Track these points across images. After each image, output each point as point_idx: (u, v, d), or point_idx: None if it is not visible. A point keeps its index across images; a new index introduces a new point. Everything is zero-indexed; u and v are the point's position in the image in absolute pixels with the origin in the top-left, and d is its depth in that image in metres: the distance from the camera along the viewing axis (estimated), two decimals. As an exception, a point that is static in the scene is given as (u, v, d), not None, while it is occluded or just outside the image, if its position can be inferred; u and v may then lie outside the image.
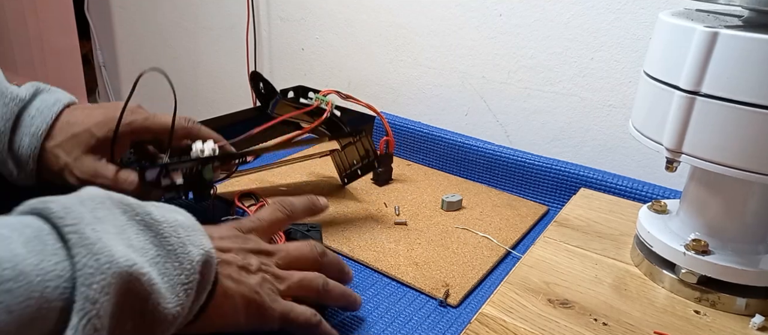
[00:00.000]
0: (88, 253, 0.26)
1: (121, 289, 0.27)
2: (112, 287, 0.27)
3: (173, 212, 0.34)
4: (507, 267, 0.56)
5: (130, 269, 0.28)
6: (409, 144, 0.83)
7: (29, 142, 0.48)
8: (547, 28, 0.78)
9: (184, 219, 0.34)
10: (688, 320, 0.45)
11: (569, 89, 0.78)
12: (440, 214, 0.66)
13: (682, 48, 0.42)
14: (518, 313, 0.44)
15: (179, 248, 0.31)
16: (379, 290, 0.52)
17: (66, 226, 0.27)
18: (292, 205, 0.47)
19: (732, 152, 0.41)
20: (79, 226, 0.27)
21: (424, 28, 0.90)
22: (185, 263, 0.31)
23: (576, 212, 0.61)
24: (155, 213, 0.32)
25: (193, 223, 0.35)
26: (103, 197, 0.31)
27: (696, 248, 0.46)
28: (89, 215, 0.28)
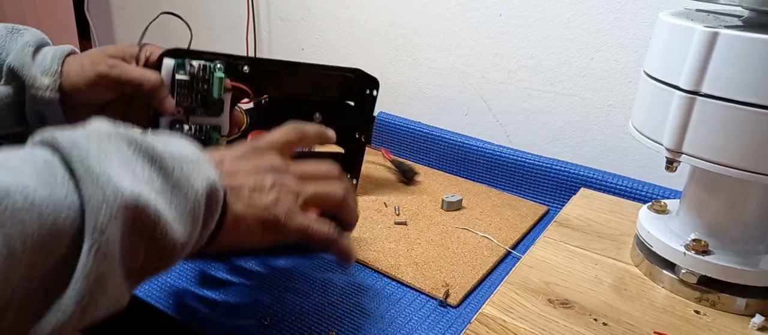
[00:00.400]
0: (94, 185, 0.27)
1: (128, 218, 0.28)
2: (119, 217, 0.27)
3: (179, 144, 0.34)
4: (507, 267, 0.56)
5: (137, 199, 0.28)
6: (409, 144, 0.83)
7: (53, 53, 0.53)
8: (547, 28, 0.77)
9: (188, 152, 0.34)
10: (688, 320, 0.44)
11: (569, 88, 0.78)
12: (440, 214, 0.66)
13: (682, 48, 0.42)
14: (518, 313, 0.44)
15: (183, 180, 0.32)
16: (379, 290, 0.52)
17: (73, 159, 0.28)
18: (304, 128, 0.47)
19: (732, 152, 0.41)
20: (86, 159, 0.28)
21: (424, 28, 0.90)
22: (189, 194, 0.32)
23: (576, 212, 0.61)
24: (159, 147, 0.32)
25: (198, 155, 0.35)
26: (109, 130, 0.31)
27: (696, 248, 0.46)
28: (95, 148, 0.29)
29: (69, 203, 0.26)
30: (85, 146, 0.28)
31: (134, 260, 0.30)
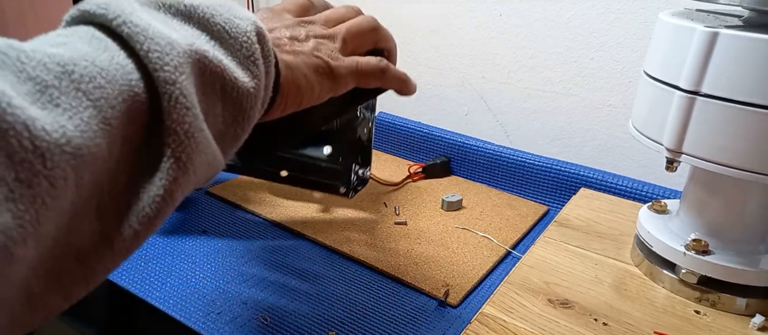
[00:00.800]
0: (146, 39, 0.24)
1: (193, 69, 0.26)
2: (183, 66, 0.25)
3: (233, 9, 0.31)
4: (507, 267, 0.56)
5: (193, 47, 0.26)
6: (409, 144, 0.83)
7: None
8: (547, 28, 0.77)
9: (247, 17, 0.31)
10: (688, 320, 0.44)
11: (569, 88, 0.78)
12: (440, 214, 0.66)
13: (683, 48, 0.42)
14: (518, 313, 0.44)
15: (228, 24, 0.29)
16: (379, 290, 0.52)
17: (112, 20, 0.24)
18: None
19: (732, 152, 0.41)
20: (126, 16, 0.25)
21: (424, 28, 0.90)
22: (240, 37, 0.30)
23: (576, 212, 0.61)
24: (187, 1, 0.29)
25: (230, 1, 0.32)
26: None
27: (696, 248, 0.46)
28: (128, 6, 0.25)
29: (132, 65, 0.24)
30: (119, 7, 0.25)
31: (214, 120, 0.27)
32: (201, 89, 0.26)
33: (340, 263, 0.56)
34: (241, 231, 0.61)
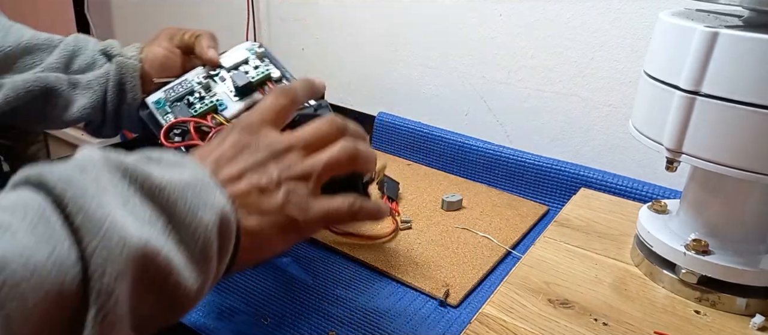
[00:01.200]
0: (97, 235, 0.24)
1: (137, 272, 0.25)
2: (127, 272, 0.24)
3: (177, 166, 0.31)
4: (507, 266, 0.56)
5: (145, 248, 0.25)
6: (409, 144, 0.83)
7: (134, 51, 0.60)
8: (547, 28, 0.77)
9: (190, 176, 0.30)
10: (688, 320, 0.44)
11: (569, 88, 0.78)
12: (440, 214, 0.66)
13: (683, 48, 0.42)
14: (518, 313, 0.44)
15: (189, 216, 0.28)
16: (379, 290, 0.52)
17: (69, 203, 0.24)
18: (292, 87, 0.42)
19: (732, 152, 0.41)
20: (84, 201, 0.24)
21: (424, 28, 0.90)
22: (200, 231, 0.29)
23: (576, 212, 0.61)
24: (156, 176, 0.28)
25: (201, 177, 0.31)
26: (101, 160, 0.27)
27: (696, 248, 0.46)
28: (92, 185, 0.25)
29: (72, 260, 0.23)
30: (81, 184, 0.25)
31: (142, 311, 0.26)
32: (138, 288, 0.26)
33: (340, 263, 0.56)
34: (241, 231, 0.61)
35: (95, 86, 0.58)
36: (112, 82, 0.58)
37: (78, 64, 0.58)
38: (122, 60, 0.58)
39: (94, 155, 0.28)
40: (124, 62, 0.58)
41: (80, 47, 0.59)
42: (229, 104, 0.55)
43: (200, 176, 0.31)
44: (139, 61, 0.59)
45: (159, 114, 0.55)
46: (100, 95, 0.58)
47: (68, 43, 0.58)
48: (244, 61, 0.57)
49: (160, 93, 0.57)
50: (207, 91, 0.56)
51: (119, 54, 0.58)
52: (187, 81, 0.57)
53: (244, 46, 0.59)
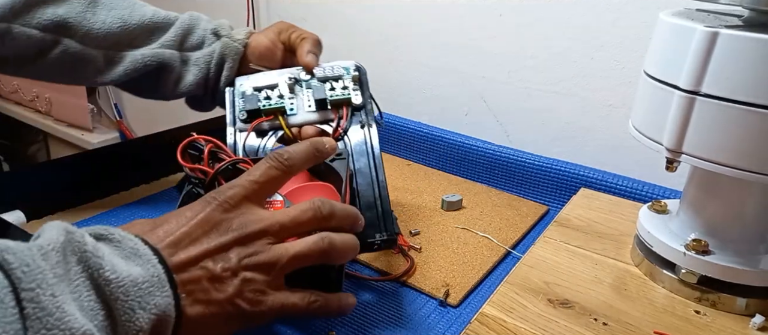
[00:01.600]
0: (45, 326, 0.25)
1: None
2: None
3: (133, 257, 0.31)
4: (507, 266, 0.56)
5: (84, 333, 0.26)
6: (409, 144, 0.83)
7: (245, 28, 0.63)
8: (547, 27, 0.77)
9: (140, 272, 0.30)
10: (688, 320, 0.44)
11: (569, 88, 0.78)
12: (440, 214, 0.66)
13: (682, 48, 0.42)
14: (518, 313, 0.44)
15: (125, 315, 0.29)
16: (379, 290, 0.52)
17: (24, 291, 0.25)
18: (290, 156, 0.40)
19: (732, 152, 0.41)
20: (38, 292, 0.25)
21: (424, 28, 0.90)
22: (132, 331, 0.29)
23: (576, 212, 0.61)
24: (108, 268, 0.29)
25: (152, 273, 0.31)
26: (63, 245, 0.28)
27: (696, 248, 0.46)
28: (50, 273, 0.26)
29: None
30: (38, 273, 0.26)
31: None
32: None
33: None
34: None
35: (201, 63, 0.61)
36: (215, 61, 0.61)
37: (190, 41, 0.61)
38: (228, 41, 0.61)
39: (57, 238, 0.28)
40: (229, 44, 0.61)
41: (193, 25, 0.62)
42: (300, 112, 0.55)
43: (151, 272, 0.31)
44: (244, 45, 0.61)
45: (238, 97, 0.56)
46: (204, 72, 0.61)
47: (183, 21, 0.61)
48: (336, 78, 0.57)
49: (245, 78, 0.58)
50: (290, 92, 0.56)
51: (227, 35, 0.61)
52: (276, 75, 0.58)
53: (345, 63, 0.59)
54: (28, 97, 1.75)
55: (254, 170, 0.39)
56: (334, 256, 0.39)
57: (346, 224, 0.41)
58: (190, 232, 0.35)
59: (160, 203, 0.67)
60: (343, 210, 0.40)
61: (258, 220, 0.37)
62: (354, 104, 0.55)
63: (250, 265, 0.36)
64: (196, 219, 0.36)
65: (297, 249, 0.37)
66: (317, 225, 0.39)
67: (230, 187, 0.38)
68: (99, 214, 0.63)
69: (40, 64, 0.55)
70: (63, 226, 0.29)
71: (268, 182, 0.39)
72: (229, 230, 0.36)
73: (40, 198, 0.63)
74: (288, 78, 0.57)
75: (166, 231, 0.35)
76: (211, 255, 0.35)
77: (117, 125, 1.63)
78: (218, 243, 0.35)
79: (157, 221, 0.36)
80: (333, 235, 0.39)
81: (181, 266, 0.34)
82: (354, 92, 0.56)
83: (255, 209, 0.38)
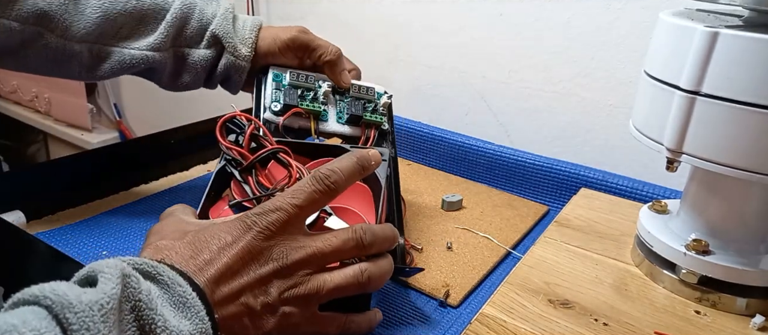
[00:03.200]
0: None
1: None
2: None
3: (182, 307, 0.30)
4: (507, 267, 0.56)
5: None
6: (409, 144, 0.83)
7: (251, 24, 0.60)
8: (547, 27, 0.77)
9: (188, 330, 0.30)
10: (688, 320, 0.44)
11: (570, 88, 0.78)
12: (440, 214, 0.66)
13: (683, 48, 0.42)
14: (518, 313, 0.44)
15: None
16: (379, 290, 0.52)
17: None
18: (336, 179, 0.38)
19: (732, 152, 0.41)
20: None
21: (424, 28, 0.90)
22: None
23: (576, 212, 0.61)
24: (159, 325, 0.28)
25: (200, 331, 0.30)
26: (120, 293, 0.27)
27: (696, 248, 0.46)
28: (102, 326, 0.26)
29: None
30: (95, 331, 0.25)
31: None
32: None
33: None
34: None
35: (199, 68, 0.58)
36: (220, 72, 0.59)
37: (185, 35, 0.58)
38: (233, 60, 0.58)
39: (115, 292, 0.27)
40: (235, 62, 0.58)
41: (188, 15, 0.57)
42: (331, 122, 0.57)
43: (199, 327, 0.30)
44: (250, 61, 0.59)
45: (270, 86, 0.56)
46: (202, 76, 0.59)
47: (176, 12, 0.56)
48: (369, 100, 0.59)
49: (287, 71, 0.58)
50: (325, 98, 0.57)
51: (232, 51, 0.58)
52: (318, 81, 0.58)
53: (379, 88, 0.61)
54: (27, 97, 1.75)
55: (298, 193, 0.37)
56: (370, 287, 0.39)
57: (384, 248, 0.41)
58: (232, 265, 0.34)
59: (160, 203, 0.67)
60: (383, 235, 0.40)
61: (299, 248, 0.36)
62: (383, 129, 0.57)
63: (290, 298, 0.36)
64: (237, 248, 0.35)
65: (337, 282, 0.37)
66: (358, 252, 0.39)
67: (273, 210, 0.36)
68: (99, 214, 0.63)
69: (23, 57, 0.53)
70: (120, 269, 0.28)
71: (310, 205, 0.38)
72: (269, 260, 0.35)
73: (40, 198, 0.63)
74: (328, 85, 0.58)
75: (206, 261, 0.34)
76: (252, 289, 0.34)
77: (117, 125, 1.63)
78: (258, 276, 0.35)
79: (196, 245, 0.35)
80: (372, 268, 0.39)
81: (223, 302, 0.33)
82: (382, 116, 0.59)
83: (296, 236, 0.37)
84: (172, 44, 0.57)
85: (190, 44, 0.58)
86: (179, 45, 0.58)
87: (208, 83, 0.61)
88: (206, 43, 0.58)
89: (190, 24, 0.58)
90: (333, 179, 0.38)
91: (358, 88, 0.59)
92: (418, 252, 0.57)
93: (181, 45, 0.58)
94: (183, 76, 0.59)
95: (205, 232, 0.36)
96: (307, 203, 0.37)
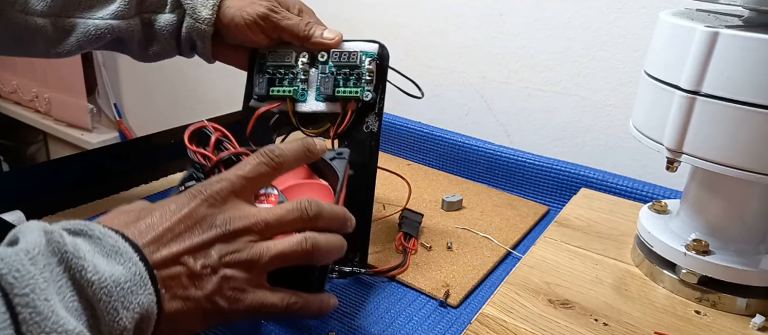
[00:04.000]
0: (41, 332, 0.25)
1: None
2: None
3: (114, 255, 0.31)
4: (507, 267, 0.56)
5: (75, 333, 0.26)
6: (409, 144, 0.83)
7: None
8: (547, 27, 0.77)
9: (122, 272, 0.30)
10: (688, 320, 0.44)
11: (570, 88, 0.78)
12: (440, 214, 0.66)
13: (683, 48, 0.42)
14: (518, 313, 0.44)
15: (109, 316, 0.29)
16: (379, 290, 0.52)
17: (17, 296, 0.25)
18: (281, 153, 0.40)
19: (732, 152, 0.41)
20: (33, 297, 0.25)
21: (424, 27, 0.90)
22: (116, 330, 0.29)
23: (576, 212, 0.61)
24: (89, 269, 0.29)
25: (133, 273, 0.31)
26: (45, 245, 0.28)
27: (696, 248, 0.46)
28: (40, 278, 0.26)
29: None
30: (30, 276, 0.26)
31: None
32: None
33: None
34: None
35: (166, 34, 0.56)
36: (184, 38, 0.56)
37: (148, 1, 0.55)
38: (193, 23, 0.55)
39: (40, 241, 0.28)
40: (195, 26, 0.55)
41: None
42: (310, 100, 0.54)
43: (133, 270, 0.31)
44: (213, 26, 0.55)
45: (254, 70, 0.55)
46: (173, 43, 0.57)
47: None
48: (352, 67, 0.53)
49: (268, 50, 0.56)
50: (304, 75, 0.54)
51: (191, 14, 0.55)
52: (293, 56, 0.55)
53: (367, 47, 0.54)
54: (27, 97, 1.75)
55: (244, 165, 0.39)
56: (317, 257, 0.38)
57: (333, 226, 0.40)
58: (173, 227, 0.35)
59: (160, 204, 0.67)
60: (331, 211, 0.40)
61: (242, 217, 0.37)
62: (363, 100, 0.53)
63: (231, 262, 0.36)
64: (180, 214, 0.35)
65: (279, 248, 0.37)
66: (303, 225, 0.38)
67: (218, 181, 0.37)
68: (99, 214, 0.63)
69: None
70: (41, 226, 0.29)
71: (256, 177, 0.39)
72: (212, 226, 0.36)
73: (40, 198, 0.63)
74: (304, 60, 0.54)
75: (148, 225, 0.34)
76: (192, 252, 0.35)
77: (117, 125, 1.63)
78: (200, 240, 0.35)
79: (140, 213, 0.35)
80: (317, 236, 0.38)
81: (162, 263, 0.33)
82: (367, 84, 0.53)
83: (241, 205, 0.37)
84: (136, 11, 0.55)
85: (155, 9, 0.56)
86: (144, 11, 0.55)
87: (180, 52, 0.58)
88: (170, 6, 0.55)
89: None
90: (277, 153, 0.40)
91: (339, 55, 0.53)
92: (427, 251, 0.57)
93: (147, 10, 0.55)
94: (153, 45, 0.57)
95: (151, 204, 0.36)
96: (253, 174, 0.38)
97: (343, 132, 0.53)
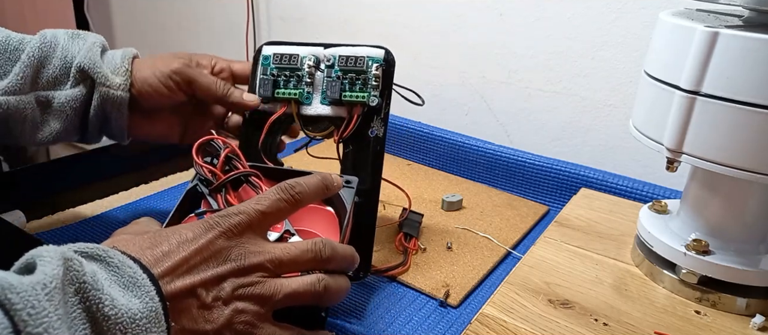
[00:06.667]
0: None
1: None
2: None
3: (132, 287, 0.30)
4: (507, 267, 0.56)
5: None
6: (410, 144, 0.83)
7: (122, 54, 0.52)
8: (547, 27, 0.77)
9: (138, 308, 0.30)
10: (688, 320, 0.44)
11: (570, 88, 0.78)
12: (440, 214, 0.66)
13: (683, 48, 0.42)
14: (518, 313, 0.44)
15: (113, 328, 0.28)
16: (379, 290, 0.52)
17: (27, 327, 0.24)
18: (301, 190, 0.40)
19: (732, 152, 0.41)
20: (40, 330, 0.25)
21: (424, 27, 0.90)
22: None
23: (576, 212, 0.61)
24: (107, 303, 0.28)
25: (150, 310, 0.30)
26: (62, 277, 0.27)
27: (696, 248, 0.46)
28: (54, 316, 0.25)
29: None
30: (44, 313, 0.25)
31: None
32: None
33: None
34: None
35: (69, 110, 0.51)
36: (94, 112, 0.51)
37: (46, 76, 0.50)
38: (106, 91, 0.51)
39: (57, 272, 0.27)
40: (109, 94, 0.51)
41: (47, 55, 0.50)
42: (315, 103, 0.54)
43: (149, 306, 0.30)
44: (128, 91, 0.51)
45: (259, 72, 0.55)
46: (75, 121, 0.51)
47: (33, 52, 0.49)
48: (358, 73, 0.53)
49: (273, 48, 0.55)
50: (309, 78, 0.54)
51: (103, 82, 0.50)
52: (302, 59, 0.54)
53: (374, 52, 0.53)
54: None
55: (263, 199, 0.38)
56: (326, 300, 0.39)
57: (342, 267, 0.41)
58: (189, 258, 0.34)
59: (160, 204, 0.67)
60: (343, 254, 0.40)
61: (257, 252, 0.37)
62: (370, 105, 0.52)
63: (244, 296, 0.36)
64: (196, 244, 0.35)
65: (294, 288, 0.37)
66: (316, 265, 0.39)
67: (236, 213, 0.37)
68: (99, 214, 0.63)
69: None
70: (60, 254, 0.28)
71: (274, 213, 0.39)
72: (227, 259, 0.36)
73: (40, 198, 0.63)
74: (309, 64, 0.53)
75: (164, 253, 0.34)
76: (206, 285, 0.35)
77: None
78: (215, 273, 0.35)
79: (155, 238, 0.35)
80: (329, 280, 0.39)
81: (175, 295, 0.33)
82: (374, 89, 0.52)
83: (256, 240, 0.38)
84: (31, 88, 0.49)
85: (54, 85, 0.50)
86: (40, 88, 0.50)
87: (84, 132, 0.53)
88: (73, 80, 0.50)
89: (51, 62, 0.50)
90: (297, 189, 0.40)
91: (345, 59, 0.53)
92: (422, 252, 0.57)
93: (43, 87, 0.50)
94: (50, 124, 0.51)
95: (167, 230, 0.36)
96: (271, 210, 0.38)
97: (348, 136, 0.53)
